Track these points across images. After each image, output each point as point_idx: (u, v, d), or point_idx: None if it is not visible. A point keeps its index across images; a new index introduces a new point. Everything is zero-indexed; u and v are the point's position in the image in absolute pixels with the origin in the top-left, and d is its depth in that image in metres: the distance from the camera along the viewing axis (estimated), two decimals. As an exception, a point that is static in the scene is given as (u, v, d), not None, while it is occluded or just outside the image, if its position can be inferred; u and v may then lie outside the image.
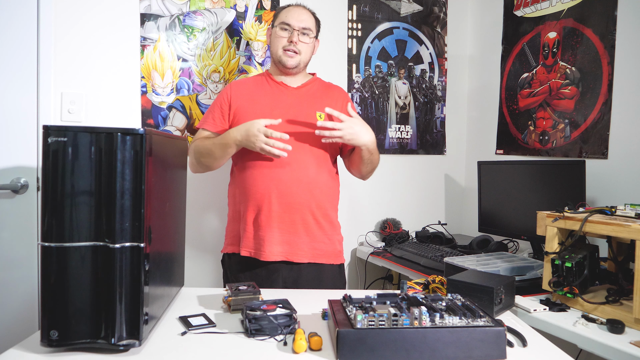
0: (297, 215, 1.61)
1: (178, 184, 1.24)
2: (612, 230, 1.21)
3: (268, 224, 1.59)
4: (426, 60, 2.58)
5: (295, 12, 1.69)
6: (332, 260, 1.69)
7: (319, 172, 1.66)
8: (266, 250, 1.59)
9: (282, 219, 1.60)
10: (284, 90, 1.71)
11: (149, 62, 2.05)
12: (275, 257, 1.60)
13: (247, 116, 1.63)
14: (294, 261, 1.62)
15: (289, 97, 1.70)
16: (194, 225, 2.12)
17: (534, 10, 2.21)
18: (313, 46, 1.74)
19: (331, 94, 1.77)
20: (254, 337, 0.99)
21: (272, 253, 1.60)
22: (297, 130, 1.63)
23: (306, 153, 1.63)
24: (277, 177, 1.59)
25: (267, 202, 1.59)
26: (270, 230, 1.59)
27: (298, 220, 1.62)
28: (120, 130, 0.89)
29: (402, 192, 2.54)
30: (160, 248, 1.04)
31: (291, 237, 1.62)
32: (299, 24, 1.67)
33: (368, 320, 0.89)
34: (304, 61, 1.71)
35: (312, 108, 1.69)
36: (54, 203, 0.88)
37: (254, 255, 1.61)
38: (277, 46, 1.68)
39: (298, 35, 1.66)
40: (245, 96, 1.69)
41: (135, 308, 0.90)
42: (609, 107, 1.84)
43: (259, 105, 1.66)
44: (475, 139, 2.62)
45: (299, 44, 1.67)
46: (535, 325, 1.20)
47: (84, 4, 1.95)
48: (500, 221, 2.03)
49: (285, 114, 1.64)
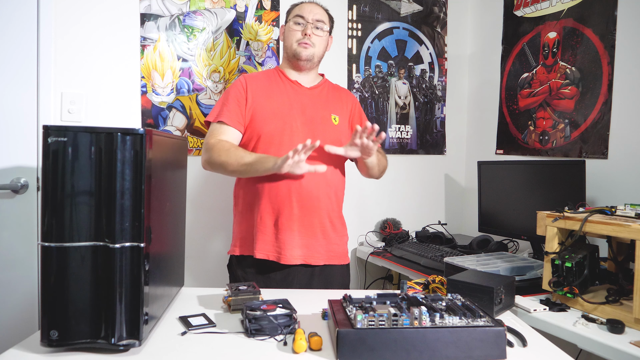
0: (316, 218, 1.61)
1: (178, 184, 1.24)
2: (612, 230, 1.21)
3: (289, 227, 1.58)
4: (426, 60, 2.58)
5: (309, 6, 1.69)
6: (342, 261, 1.71)
7: (334, 174, 1.66)
8: (287, 254, 1.57)
9: (302, 222, 1.59)
10: (298, 90, 1.70)
11: (149, 62, 2.05)
12: (295, 260, 1.59)
13: (264, 113, 1.61)
14: (311, 264, 1.62)
15: (304, 97, 1.69)
16: (195, 225, 2.12)
17: (534, 10, 2.21)
18: (327, 41, 1.73)
19: (341, 97, 1.78)
20: (254, 337, 0.99)
21: (293, 257, 1.58)
22: (315, 132, 1.62)
23: (324, 155, 1.60)
24: (297, 180, 1.58)
25: (287, 205, 1.58)
26: (291, 234, 1.58)
27: (317, 223, 1.61)
28: (120, 130, 0.89)
29: (402, 192, 2.54)
30: (160, 248, 1.04)
31: (310, 240, 1.61)
32: (313, 17, 1.66)
33: (368, 320, 0.89)
34: (318, 55, 1.70)
35: (327, 110, 1.70)
36: (54, 203, 0.88)
37: (273, 258, 1.59)
38: (291, 40, 1.67)
39: (312, 28, 1.66)
40: (262, 91, 1.66)
41: (135, 308, 0.90)
42: (609, 107, 1.84)
43: (276, 103, 1.64)
44: (475, 139, 2.62)
45: (313, 36, 1.66)
46: (535, 325, 1.20)
47: (84, 4, 1.95)
48: (500, 221, 2.03)
49: (301, 115, 1.64)
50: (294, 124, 1.62)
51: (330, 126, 1.67)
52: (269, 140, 1.60)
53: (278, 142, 1.59)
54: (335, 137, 1.66)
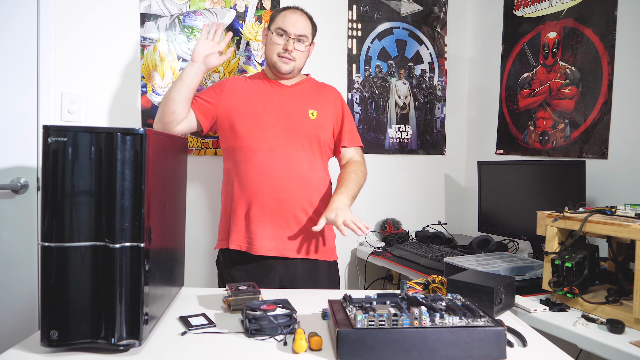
0: (289, 211, 1.63)
1: (178, 184, 1.24)
2: (612, 230, 1.21)
3: (260, 219, 1.61)
4: (426, 60, 2.58)
5: (292, 18, 1.68)
6: (326, 257, 1.72)
7: (311, 169, 1.68)
8: (257, 245, 1.61)
9: (274, 214, 1.62)
10: (277, 88, 1.74)
11: (149, 62, 2.05)
12: (268, 251, 1.61)
13: (238, 112, 1.66)
14: (287, 256, 1.63)
15: (282, 94, 1.73)
16: (194, 225, 2.12)
17: (534, 10, 2.21)
18: (308, 52, 1.76)
19: (324, 93, 1.80)
20: (254, 337, 0.99)
21: (264, 247, 1.61)
22: (289, 126, 1.66)
23: (298, 150, 1.66)
24: (269, 172, 1.61)
25: (259, 197, 1.61)
26: (262, 225, 1.61)
27: (290, 216, 1.63)
28: (120, 130, 0.89)
29: (402, 192, 2.54)
30: (160, 248, 1.04)
31: (283, 232, 1.63)
32: (295, 31, 1.67)
33: (368, 320, 0.89)
34: (298, 67, 1.74)
35: (305, 105, 1.72)
36: (54, 203, 0.88)
37: (245, 249, 1.62)
38: (272, 52, 1.70)
39: (294, 42, 1.68)
40: (239, 92, 1.71)
41: (135, 308, 0.90)
42: (609, 107, 1.84)
43: (251, 103, 1.68)
44: (475, 139, 2.62)
45: (294, 51, 1.68)
46: (535, 325, 1.20)
47: (84, 4, 1.95)
48: (500, 221, 2.03)
49: (277, 111, 1.67)
50: (268, 119, 1.65)
51: (306, 120, 1.69)
52: (244, 135, 1.64)
53: (252, 136, 1.63)
54: (311, 130, 1.69)
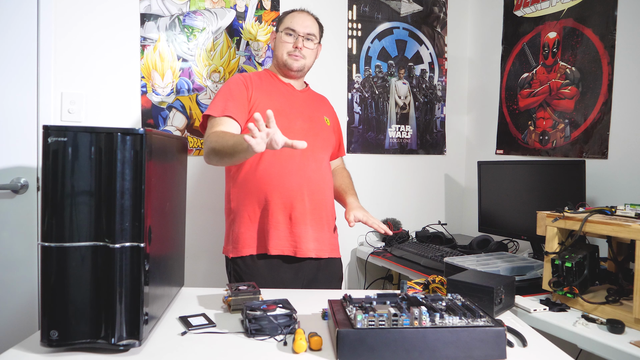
0: (323, 211, 1.67)
1: (178, 184, 1.24)
2: (612, 230, 1.21)
3: (302, 221, 1.61)
4: (426, 60, 2.58)
5: (300, 18, 1.71)
6: (338, 254, 1.76)
7: (329, 172, 1.76)
8: (303, 247, 1.61)
9: (313, 216, 1.63)
10: (292, 92, 1.75)
11: (149, 62, 2.05)
12: (310, 253, 1.62)
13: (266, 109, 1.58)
14: (321, 257, 1.66)
15: (299, 99, 1.75)
16: (194, 225, 2.12)
17: (534, 10, 2.21)
18: (316, 51, 1.78)
19: (325, 103, 1.88)
20: (254, 337, 0.99)
21: (309, 249, 1.62)
22: (314, 130, 1.70)
23: (323, 153, 1.72)
24: (307, 175, 1.63)
25: (300, 199, 1.61)
26: (304, 227, 1.61)
27: (324, 216, 1.67)
28: (120, 130, 0.89)
29: (402, 192, 2.54)
30: (160, 248, 1.04)
31: (320, 233, 1.66)
32: (304, 30, 1.70)
33: (368, 320, 0.89)
34: (308, 65, 1.75)
35: (320, 111, 1.79)
36: (54, 203, 0.88)
37: (291, 253, 1.60)
38: (282, 51, 1.71)
39: (303, 40, 1.70)
40: (262, 89, 1.67)
41: (135, 308, 0.90)
42: (609, 107, 1.84)
43: (277, 102, 1.65)
44: (475, 139, 2.62)
45: (304, 49, 1.70)
46: (535, 325, 1.20)
47: (84, 4, 1.95)
48: (500, 221, 2.03)
49: (300, 114, 1.70)
50: (296, 122, 1.66)
51: (324, 126, 1.76)
52: None
53: None
54: (328, 136, 1.77)
